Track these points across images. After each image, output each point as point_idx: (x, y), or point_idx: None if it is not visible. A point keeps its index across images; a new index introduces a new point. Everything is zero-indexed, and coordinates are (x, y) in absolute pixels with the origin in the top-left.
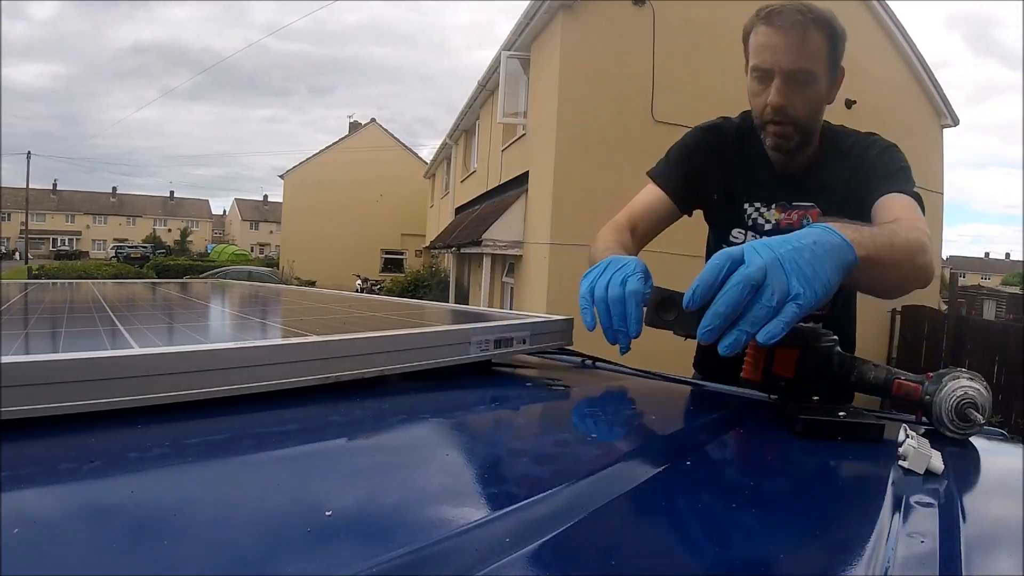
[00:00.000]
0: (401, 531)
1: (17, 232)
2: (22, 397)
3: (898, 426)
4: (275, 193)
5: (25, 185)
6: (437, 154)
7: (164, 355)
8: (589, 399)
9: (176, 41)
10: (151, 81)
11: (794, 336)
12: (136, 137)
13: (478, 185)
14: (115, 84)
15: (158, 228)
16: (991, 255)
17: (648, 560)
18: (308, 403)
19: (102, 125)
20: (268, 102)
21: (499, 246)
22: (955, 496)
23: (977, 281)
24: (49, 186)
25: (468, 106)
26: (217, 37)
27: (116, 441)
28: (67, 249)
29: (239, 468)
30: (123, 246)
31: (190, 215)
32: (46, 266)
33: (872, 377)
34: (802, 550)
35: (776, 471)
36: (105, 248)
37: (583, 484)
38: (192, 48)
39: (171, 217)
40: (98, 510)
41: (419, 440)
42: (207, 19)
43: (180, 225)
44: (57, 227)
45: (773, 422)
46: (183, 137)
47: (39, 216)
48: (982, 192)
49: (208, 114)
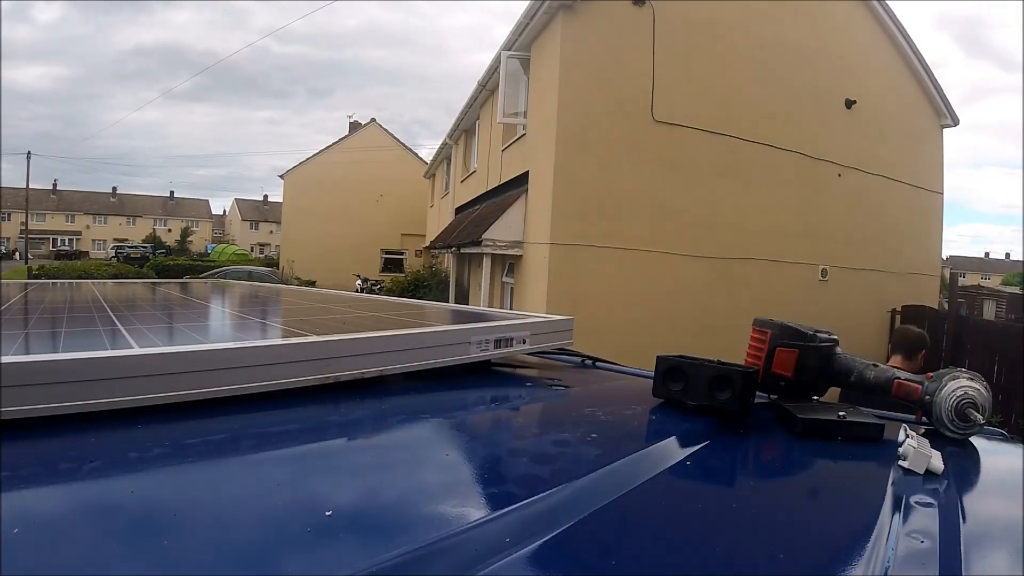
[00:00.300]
0: (401, 530)
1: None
2: (22, 397)
3: (898, 426)
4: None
5: (25, 185)
6: (437, 154)
7: (164, 355)
8: (589, 399)
9: (178, 44)
10: (152, 83)
11: (794, 336)
12: (137, 137)
13: (478, 185)
14: (117, 86)
15: (158, 228)
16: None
17: (647, 560)
18: (308, 403)
19: (103, 126)
20: (268, 104)
21: (499, 246)
22: (955, 496)
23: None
24: (49, 186)
25: (468, 106)
26: (218, 40)
27: (116, 441)
28: (67, 249)
29: (239, 468)
30: (123, 246)
31: (190, 215)
32: (46, 266)
33: (872, 377)
34: (802, 549)
35: (776, 471)
36: (105, 248)
37: (583, 484)
38: (193, 51)
39: (171, 217)
40: (98, 510)
41: (419, 440)
42: (208, 23)
43: (180, 225)
44: (57, 227)
45: (773, 422)
46: (184, 138)
47: (39, 216)
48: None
49: (209, 115)
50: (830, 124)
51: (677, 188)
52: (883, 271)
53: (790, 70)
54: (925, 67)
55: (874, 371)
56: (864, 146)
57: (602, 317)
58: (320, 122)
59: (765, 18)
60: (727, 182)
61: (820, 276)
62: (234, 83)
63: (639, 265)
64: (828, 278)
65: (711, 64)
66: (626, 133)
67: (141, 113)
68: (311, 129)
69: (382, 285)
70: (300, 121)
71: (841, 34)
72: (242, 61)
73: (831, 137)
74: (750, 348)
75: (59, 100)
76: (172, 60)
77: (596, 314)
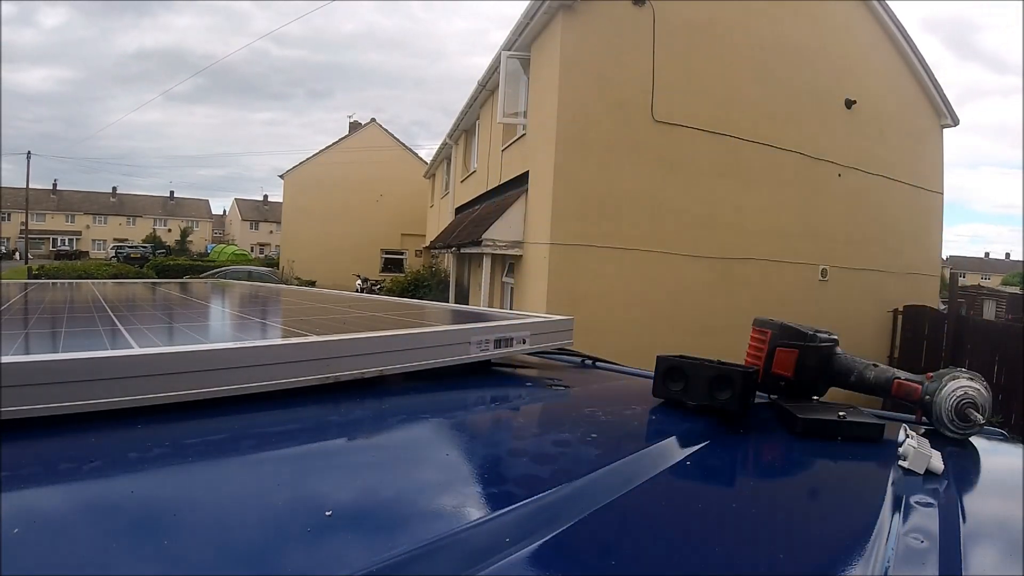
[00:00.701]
0: (401, 530)
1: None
2: (22, 397)
3: (898, 426)
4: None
5: (25, 185)
6: (437, 154)
7: (164, 355)
8: (589, 399)
9: (179, 47)
10: (154, 86)
11: (794, 336)
12: (137, 138)
13: (478, 185)
14: (118, 88)
15: (158, 228)
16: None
17: (647, 560)
18: (308, 403)
19: (103, 127)
20: (268, 105)
21: (499, 246)
22: (955, 496)
23: (977, 281)
24: (49, 186)
25: (468, 106)
26: (219, 44)
27: (116, 441)
28: (67, 249)
29: (239, 468)
30: (123, 246)
31: (190, 215)
32: (46, 266)
33: (872, 377)
34: (802, 549)
35: (776, 471)
36: (105, 248)
37: (583, 484)
38: (194, 54)
39: (171, 217)
40: (98, 510)
41: (419, 440)
42: (209, 27)
43: (180, 225)
44: (57, 227)
45: (773, 422)
46: (184, 139)
47: (39, 216)
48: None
49: (209, 116)
50: (830, 124)
51: (677, 188)
52: (883, 271)
53: (790, 70)
54: (925, 67)
55: (874, 371)
56: (864, 146)
57: (602, 317)
58: (320, 123)
59: (765, 18)
60: (727, 182)
61: (820, 276)
62: (233, 85)
63: (639, 265)
64: (828, 278)
65: (711, 64)
66: (626, 133)
67: (142, 114)
68: (311, 130)
69: (382, 285)
70: (300, 122)
71: (841, 34)
72: (241, 63)
73: (831, 137)
74: (750, 348)
75: (62, 102)
76: (173, 63)
77: (596, 314)
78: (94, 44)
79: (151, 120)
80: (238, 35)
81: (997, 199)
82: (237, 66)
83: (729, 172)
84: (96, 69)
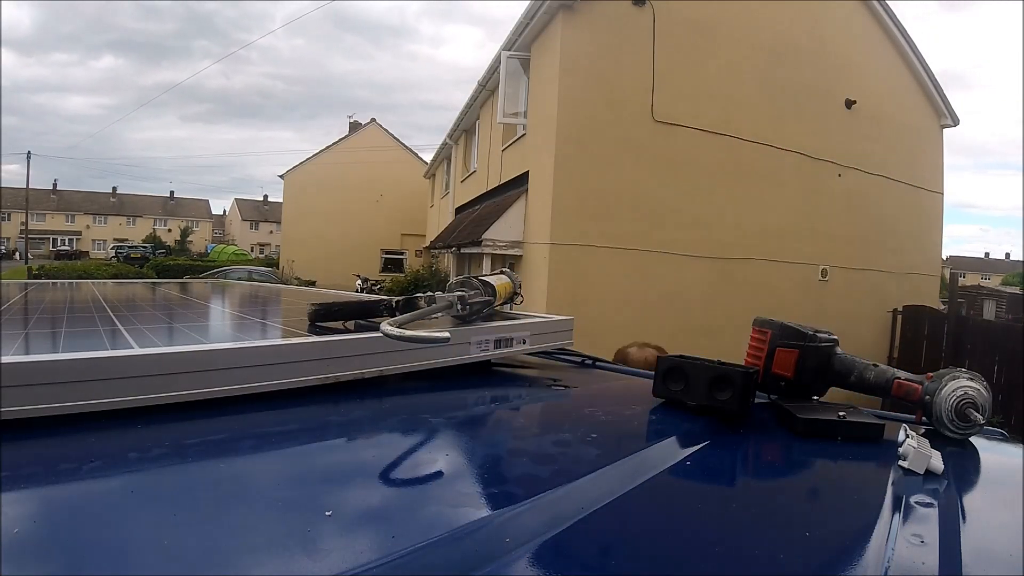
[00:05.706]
0: (401, 530)
1: (17, 232)
2: (22, 397)
3: (898, 426)
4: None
5: (25, 185)
6: (437, 154)
7: (164, 355)
8: (589, 399)
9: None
10: (175, 110)
11: (794, 336)
12: (157, 149)
13: (478, 185)
14: (143, 111)
15: (158, 228)
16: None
17: (647, 560)
18: (308, 403)
19: (127, 143)
20: (271, 125)
21: (499, 246)
22: (955, 496)
23: (977, 281)
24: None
25: (468, 106)
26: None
27: (116, 441)
28: (67, 249)
29: (239, 468)
30: (123, 246)
31: (190, 215)
32: (46, 266)
33: (872, 377)
34: (802, 549)
35: (776, 471)
36: (105, 248)
37: (583, 484)
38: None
39: (171, 217)
40: (98, 510)
41: (419, 440)
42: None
43: (180, 225)
44: (57, 227)
45: (773, 422)
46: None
47: (39, 216)
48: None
49: (223, 132)
50: (830, 124)
51: (677, 188)
52: (883, 271)
53: (790, 70)
54: (925, 67)
55: (874, 371)
56: (864, 146)
57: (602, 317)
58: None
59: (765, 18)
60: (727, 182)
61: (820, 276)
62: (239, 110)
63: (639, 265)
64: (828, 278)
65: (711, 64)
66: (626, 133)
67: (165, 132)
68: (311, 138)
69: (382, 285)
70: (302, 138)
71: (841, 34)
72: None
73: (831, 137)
74: (750, 348)
75: (95, 121)
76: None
77: (596, 314)
78: (131, 78)
79: (171, 137)
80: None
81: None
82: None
83: (729, 172)
84: (128, 97)
